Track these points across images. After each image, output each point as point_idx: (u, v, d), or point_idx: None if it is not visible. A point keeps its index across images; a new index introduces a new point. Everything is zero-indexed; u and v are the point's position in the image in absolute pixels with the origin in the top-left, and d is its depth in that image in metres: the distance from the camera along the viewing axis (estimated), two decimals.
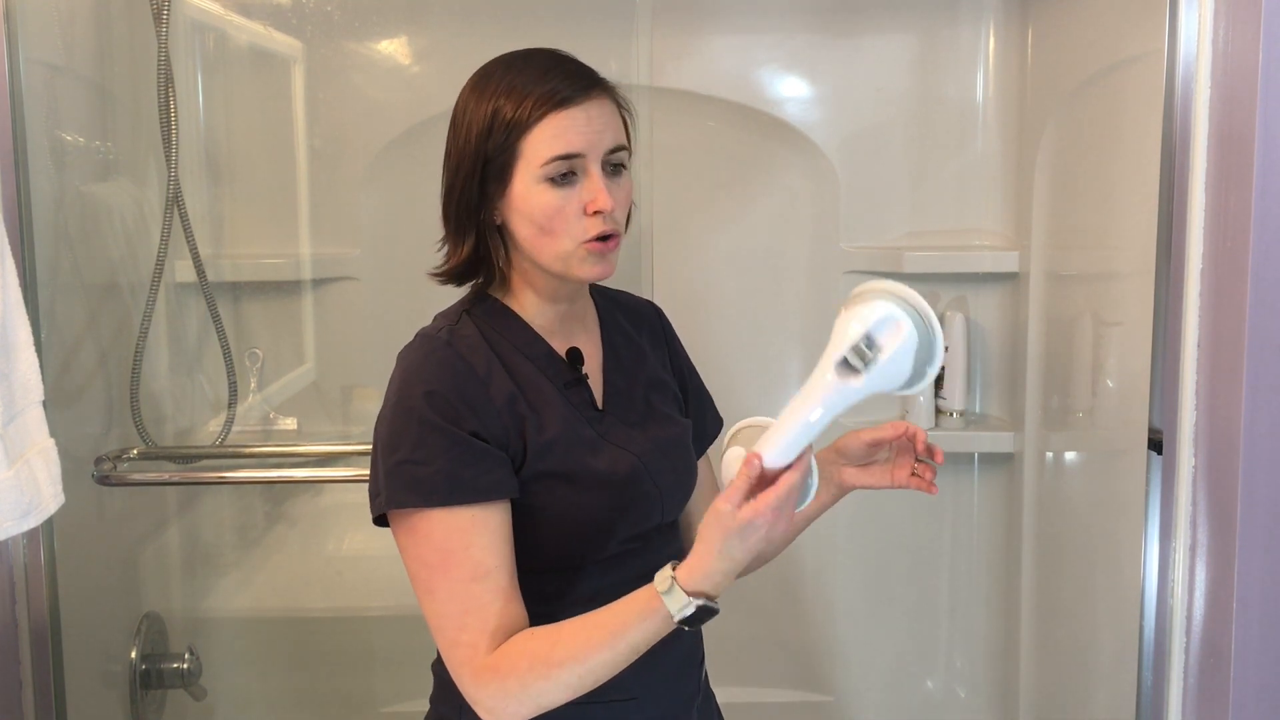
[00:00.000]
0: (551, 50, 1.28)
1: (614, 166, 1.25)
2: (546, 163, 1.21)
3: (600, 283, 1.33)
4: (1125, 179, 1.77)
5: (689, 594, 1.11)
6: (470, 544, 1.19)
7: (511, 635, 1.19)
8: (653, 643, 1.15)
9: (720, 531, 1.10)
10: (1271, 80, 1.27)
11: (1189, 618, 1.42)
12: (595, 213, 1.23)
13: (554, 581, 1.27)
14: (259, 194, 2.48)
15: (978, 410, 2.48)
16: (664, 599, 1.12)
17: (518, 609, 1.21)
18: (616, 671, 1.16)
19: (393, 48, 2.44)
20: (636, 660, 1.17)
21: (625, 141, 1.27)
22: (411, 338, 1.30)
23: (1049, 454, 2.22)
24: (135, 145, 2.29)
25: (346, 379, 2.54)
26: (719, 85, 2.41)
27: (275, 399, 2.49)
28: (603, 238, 1.24)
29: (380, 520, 1.25)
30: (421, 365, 1.23)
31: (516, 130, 1.21)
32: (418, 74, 2.45)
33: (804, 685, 2.61)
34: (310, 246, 2.48)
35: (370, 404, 2.53)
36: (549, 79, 1.22)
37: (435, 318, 1.33)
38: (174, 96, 2.22)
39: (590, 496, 1.26)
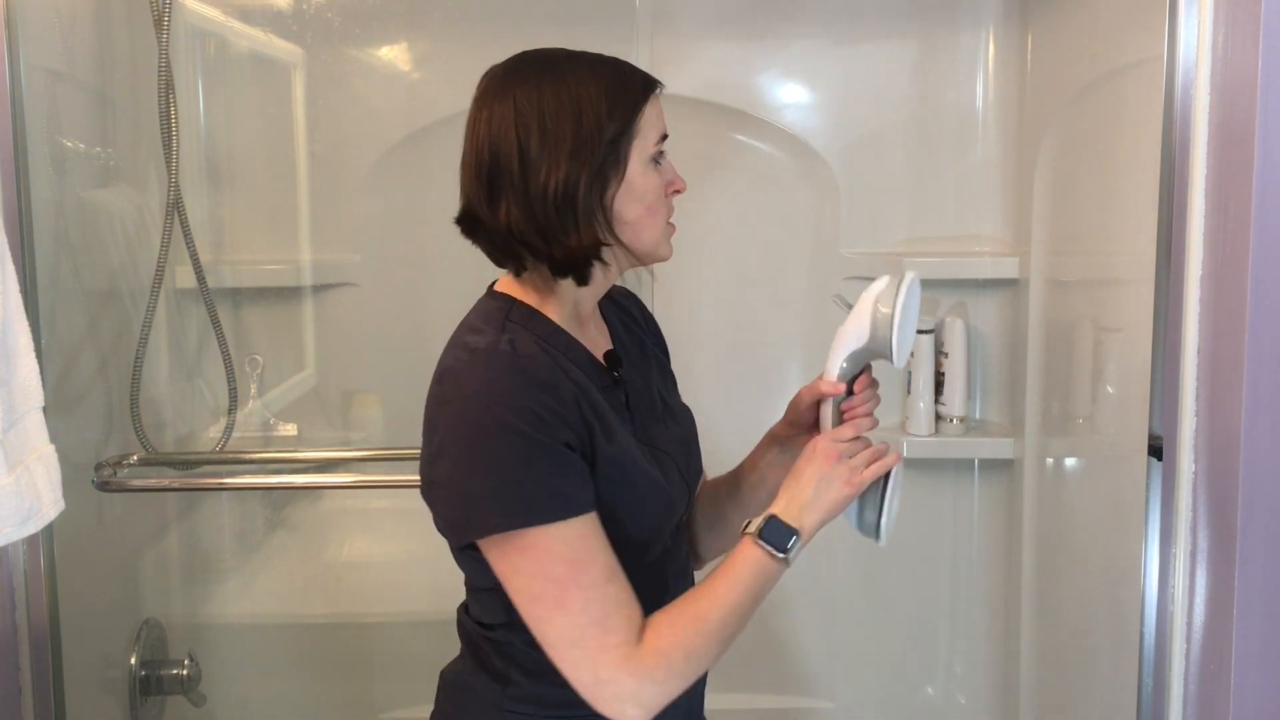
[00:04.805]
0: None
1: None
2: (658, 142, 1.25)
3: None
4: (1125, 185, 1.77)
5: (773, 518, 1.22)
6: (593, 548, 1.16)
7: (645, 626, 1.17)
8: (764, 570, 1.22)
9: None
10: (1271, 86, 1.27)
11: (1189, 624, 1.42)
12: (674, 193, 1.27)
13: None
14: (259, 200, 2.48)
15: (978, 416, 2.48)
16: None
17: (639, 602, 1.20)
18: (749, 617, 1.21)
19: (393, 54, 2.44)
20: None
21: None
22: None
23: (1049, 460, 2.22)
24: (136, 151, 2.29)
25: (347, 385, 2.54)
26: (719, 91, 2.41)
27: (275, 405, 2.49)
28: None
29: (465, 544, 1.21)
30: (500, 380, 1.16)
31: (634, 108, 1.22)
32: (418, 80, 2.46)
33: (804, 691, 2.61)
34: (310, 252, 2.48)
35: (370, 410, 2.52)
36: (627, 66, 1.26)
37: (466, 329, 1.25)
38: (174, 102, 2.22)
39: (647, 499, 1.25)
